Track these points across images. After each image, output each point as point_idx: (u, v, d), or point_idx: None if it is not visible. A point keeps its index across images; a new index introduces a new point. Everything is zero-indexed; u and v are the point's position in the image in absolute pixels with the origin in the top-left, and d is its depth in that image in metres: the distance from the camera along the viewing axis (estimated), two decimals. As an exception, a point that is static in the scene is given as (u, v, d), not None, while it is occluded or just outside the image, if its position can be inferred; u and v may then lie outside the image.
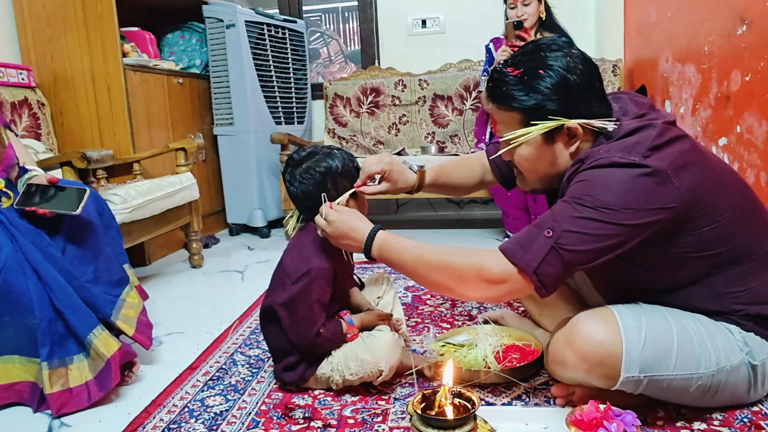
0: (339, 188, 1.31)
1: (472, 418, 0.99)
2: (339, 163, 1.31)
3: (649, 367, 1.05)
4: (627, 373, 1.04)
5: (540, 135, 1.12)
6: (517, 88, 1.10)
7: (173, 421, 1.25)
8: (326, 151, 1.33)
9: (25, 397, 1.36)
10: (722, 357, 1.07)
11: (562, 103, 1.08)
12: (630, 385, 1.06)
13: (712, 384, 1.08)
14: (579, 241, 1.01)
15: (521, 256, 1.04)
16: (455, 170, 1.53)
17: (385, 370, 1.27)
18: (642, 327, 1.06)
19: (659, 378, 1.06)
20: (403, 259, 1.16)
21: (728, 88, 2.04)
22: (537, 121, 1.10)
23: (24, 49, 2.63)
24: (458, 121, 3.45)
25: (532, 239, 1.04)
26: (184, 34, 3.35)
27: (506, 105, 1.13)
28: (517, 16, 2.69)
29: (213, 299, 2.18)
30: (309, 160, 1.31)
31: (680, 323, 1.09)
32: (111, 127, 2.63)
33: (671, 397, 1.12)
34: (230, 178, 3.30)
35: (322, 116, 3.73)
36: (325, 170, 1.29)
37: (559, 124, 1.09)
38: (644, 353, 1.04)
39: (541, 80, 1.08)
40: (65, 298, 1.32)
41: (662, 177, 1.01)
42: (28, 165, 1.54)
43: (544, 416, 1.16)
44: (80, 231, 1.45)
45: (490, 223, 3.37)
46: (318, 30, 5.48)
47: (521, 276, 1.04)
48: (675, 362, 1.06)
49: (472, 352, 1.41)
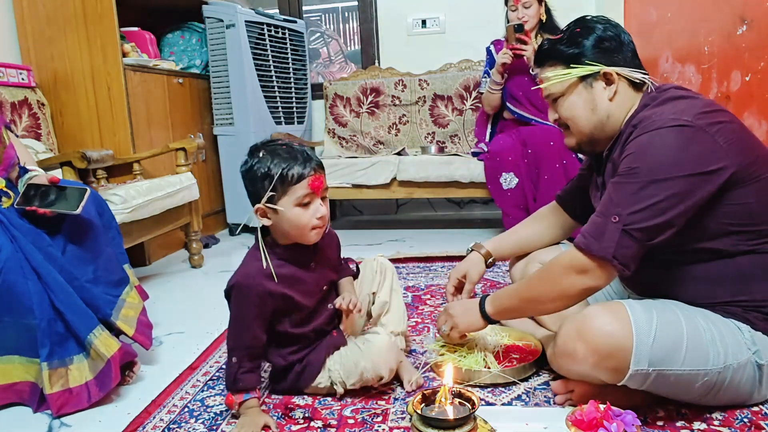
0: (257, 195, 1.19)
1: (472, 418, 0.99)
2: (261, 168, 1.18)
3: (659, 361, 1.05)
4: (636, 366, 1.05)
5: (579, 79, 1.21)
6: (559, 44, 1.23)
7: (173, 421, 1.25)
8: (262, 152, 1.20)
9: (25, 397, 1.36)
10: (730, 355, 1.08)
11: (598, 54, 1.20)
12: (637, 379, 1.07)
13: (717, 381, 1.08)
14: (645, 218, 1.06)
15: (597, 246, 1.09)
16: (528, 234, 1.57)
17: (386, 376, 1.26)
18: (653, 321, 1.07)
19: (667, 372, 1.06)
20: (512, 300, 1.27)
21: (728, 88, 2.04)
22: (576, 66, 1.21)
23: (24, 49, 2.64)
24: (458, 121, 3.45)
25: (601, 228, 1.09)
26: (184, 34, 3.35)
27: (549, 60, 1.25)
28: (517, 18, 2.69)
29: (213, 299, 2.17)
30: (249, 154, 1.24)
31: (690, 319, 1.09)
32: (111, 127, 2.63)
33: (675, 393, 1.12)
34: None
35: (322, 116, 3.73)
36: (244, 171, 1.22)
37: (597, 69, 1.19)
38: (654, 347, 1.05)
39: (581, 37, 1.21)
40: (65, 299, 1.32)
41: (713, 137, 1.06)
42: (29, 165, 1.54)
43: (544, 416, 1.16)
44: (80, 231, 1.45)
45: (490, 223, 3.37)
46: (318, 30, 5.48)
47: (603, 264, 1.10)
48: (684, 357, 1.06)
49: (471, 352, 1.40)
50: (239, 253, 2.90)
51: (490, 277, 2.21)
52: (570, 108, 1.24)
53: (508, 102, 2.84)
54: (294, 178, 1.16)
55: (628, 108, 1.21)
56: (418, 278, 2.24)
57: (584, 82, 1.21)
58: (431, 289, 2.10)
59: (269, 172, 1.16)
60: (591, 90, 1.21)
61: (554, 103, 1.27)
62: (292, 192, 1.17)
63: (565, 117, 1.26)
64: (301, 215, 1.19)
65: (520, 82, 2.78)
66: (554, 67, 1.24)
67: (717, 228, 1.10)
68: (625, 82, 1.21)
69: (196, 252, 2.63)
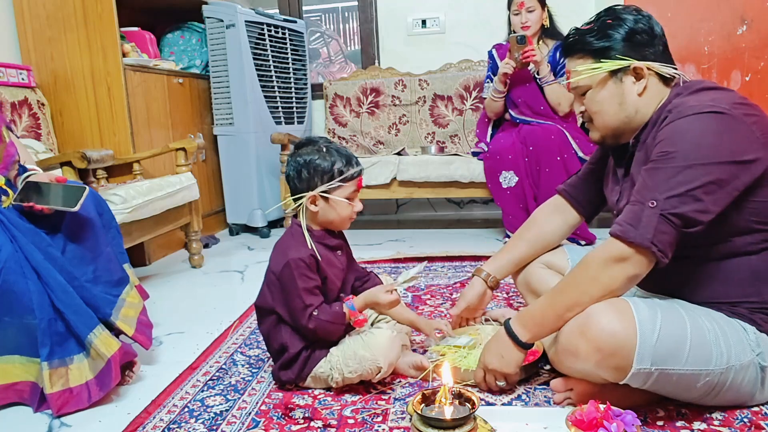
0: (311, 183, 1.32)
1: (472, 418, 0.99)
2: (321, 161, 1.31)
3: (662, 360, 1.05)
4: (639, 365, 1.04)
5: (608, 74, 1.18)
6: (589, 35, 1.20)
7: (173, 421, 1.25)
8: (319, 146, 1.34)
9: (25, 397, 1.36)
10: (733, 355, 1.07)
11: (629, 48, 1.16)
12: (639, 378, 1.06)
13: (719, 381, 1.08)
14: (683, 203, 1.04)
15: (635, 233, 1.06)
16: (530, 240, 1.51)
17: (384, 367, 1.27)
18: (657, 320, 1.06)
19: (670, 372, 1.05)
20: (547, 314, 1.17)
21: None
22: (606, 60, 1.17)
23: (24, 49, 2.63)
24: (458, 121, 3.45)
25: (638, 215, 1.06)
26: (184, 34, 3.35)
27: (579, 51, 1.22)
28: (520, 22, 2.70)
29: (213, 299, 2.18)
30: (304, 147, 1.35)
31: (695, 319, 1.09)
32: (111, 127, 2.63)
33: (676, 393, 1.12)
34: (230, 178, 3.30)
35: (322, 116, 3.73)
36: (303, 162, 1.32)
37: (627, 64, 1.16)
38: (657, 346, 1.04)
39: (612, 29, 1.17)
40: (65, 298, 1.32)
41: (750, 128, 1.05)
42: (28, 164, 1.54)
43: (544, 416, 1.16)
44: (80, 231, 1.45)
45: (490, 223, 3.37)
46: (318, 30, 5.48)
47: (642, 251, 1.06)
48: (687, 357, 1.05)
49: (472, 353, 1.40)
50: (239, 253, 2.90)
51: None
52: (598, 102, 1.21)
53: (509, 108, 2.88)
54: (351, 176, 1.34)
55: (657, 102, 1.19)
56: (419, 278, 2.24)
57: (614, 76, 1.18)
58: (431, 289, 2.10)
59: (333, 167, 1.32)
60: (620, 84, 1.18)
61: (581, 96, 1.24)
62: (347, 187, 1.34)
63: (592, 111, 1.23)
64: (347, 207, 1.36)
65: (521, 91, 2.81)
66: (583, 60, 1.21)
67: (742, 224, 1.09)
68: (656, 77, 1.19)
69: (196, 252, 2.63)
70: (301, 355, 1.33)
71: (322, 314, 1.28)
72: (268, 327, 1.37)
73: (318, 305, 1.29)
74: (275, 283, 1.32)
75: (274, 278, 1.32)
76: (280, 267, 1.30)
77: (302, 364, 1.33)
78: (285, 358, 1.34)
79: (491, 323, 1.57)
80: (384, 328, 1.35)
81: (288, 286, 1.29)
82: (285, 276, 1.29)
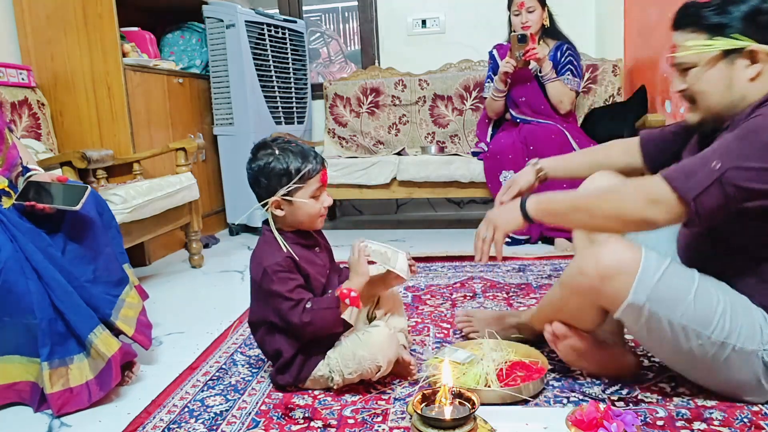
0: (270, 188, 1.29)
1: (471, 418, 0.99)
2: (276, 164, 1.28)
3: (657, 301, 1.05)
4: (634, 296, 1.06)
5: (720, 53, 1.11)
6: (706, 9, 1.11)
7: (173, 421, 1.25)
8: (271, 149, 1.29)
9: (25, 397, 1.36)
10: (735, 335, 1.07)
11: (749, 28, 1.08)
12: (631, 315, 1.08)
13: (714, 355, 1.08)
14: (748, 178, 1.01)
15: (683, 183, 1.04)
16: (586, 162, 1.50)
17: (383, 365, 1.27)
18: (664, 264, 1.07)
19: (662, 316, 1.06)
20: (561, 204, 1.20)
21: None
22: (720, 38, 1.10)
23: (24, 49, 2.63)
24: (458, 121, 3.45)
25: (697, 169, 1.05)
26: (184, 34, 3.35)
27: (691, 25, 1.14)
28: (521, 23, 2.70)
29: (213, 299, 2.18)
30: (258, 152, 1.32)
31: (706, 283, 1.10)
32: (111, 127, 2.63)
33: (667, 351, 1.12)
34: (230, 178, 3.30)
35: (322, 116, 3.73)
36: (258, 168, 1.29)
37: (743, 45, 1.08)
38: (657, 285, 1.05)
39: (732, 4, 1.09)
40: (66, 298, 1.32)
41: None
42: (30, 165, 1.55)
43: (544, 416, 1.16)
44: (80, 231, 1.45)
45: (490, 223, 3.37)
46: (318, 30, 5.48)
47: (679, 202, 1.05)
48: (684, 310, 1.06)
49: (472, 368, 1.30)
50: (239, 253, 2.90)
51: (490, 277, 2.20)
52: (703, 82, 1.14)
53: (510, 107, 2.88)
54: (310, 173, 1.29)
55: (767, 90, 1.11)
56: (418, 278, 2.24)
57: (726, 57, 1.10)
58: (431, 289, 2.10)
59: (288, 168, 1.28)
60: (731, 66, 1.11)
61: (684, 72, 1.17)
62: (308, 186, 1.30)
63: (695, 90, 1.16)
64: (314, 205, 1.32)
65: (522, 90, 2.80)
66: (695, 34, 1.13)
67: None
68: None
69: (196, 252, 2.63)
70: (296, 359, 1.32)
71: (315, 304, 1.26)
72: (262, 334, 1.36)
73: (309, 299, 1.27)
74: (260, 293, 1.31)
75: (257, 288, 1.31)
76: (260, 276, 1.28)
77: (299, 368, 1.32)
78: (281, 362, 1.33)
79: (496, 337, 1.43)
80: (381, 326, 1.33)
81: (271, 293, 1.27)
82: (266, 283, 1.27)
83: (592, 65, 3.22)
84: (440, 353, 1.42)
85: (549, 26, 2.77)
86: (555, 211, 1.22)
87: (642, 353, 1.43)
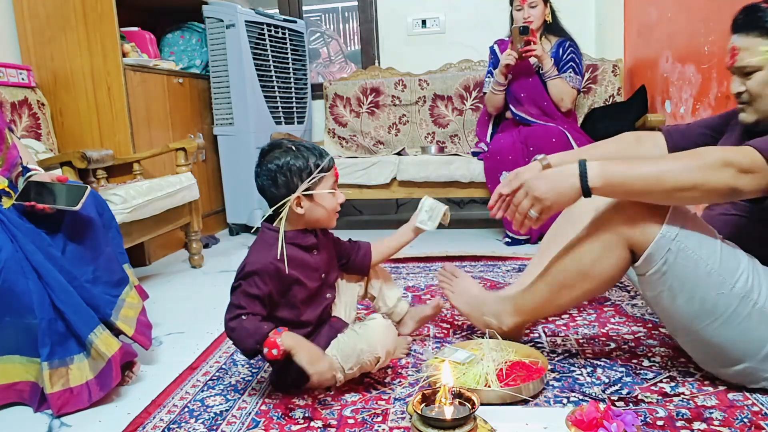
0: (291, 186, 1.27)
1: (471, 418, 0.99)
2: (294, 161, 1.27)
3: (687, 236, 1.08)
4: (668, 227, 1.08)
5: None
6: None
7: (173, 421, 1.25)
8: (286, 147, 1.29)
9: (25, 397, 1.36)
10: (756, 293, 1.08)
11: None
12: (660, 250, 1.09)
13: (734, 308, 1.08)
14: None
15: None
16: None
17: (383, 356, 1.28)
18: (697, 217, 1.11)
19: (690, 253, 1.07)
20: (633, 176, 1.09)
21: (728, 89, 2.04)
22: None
23: (24, 49, 2.64)
24: (458, 121, 3.45)
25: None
26: (184, 34, 3.35)
27: (756, 29, 1.15)
28: (523, 18, 2.69)
29: (213, 299, 2.18)
30: (269, 154, 1.29)
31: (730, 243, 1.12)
32: (111, 127, 2.63)
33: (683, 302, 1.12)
34: (230, 178, 3.30)
35: (322, 116, 3.73)
36: (276, 167, 1.27)
37: None
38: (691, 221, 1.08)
39: None
40: (66, 298, 1.32)
41: None
42: (30, 165, 1.54)
43: (544, 416, 1.16)
44: (80, 231, 1.45)
45: (490, 223, 3.37)
46: (318, 30, 5.48)
47: None
48: (711, 253, 1.08)
49: (472, 368, 1.30)
50: (239, 253, 2.90)
51: (490, 277, 2.20)
52: (764, 86, 1.17)
53: (511, 103, 2.86)
54: (327, 168, 1.30)
55: None
56: (418, 278, 2.24)
57: None
58: (431, 289, 2.10)
59: (307, 164, 1.27)
60: None
61: (744, 75, 1.20)
62: (326, 181, 1.31)
63: (756, 93, 1.19)
64: (331, 200, 1.33)
65: (523, 84, 2.79)
66: (760, 38, 1.15)
67: None
68: None
69: (196, 252, 2.63)
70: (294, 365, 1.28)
71: (248, 323, 1.21)
72: None
73: (251, 312, 1.22)
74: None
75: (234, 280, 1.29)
76: (239, 271, 1.26)
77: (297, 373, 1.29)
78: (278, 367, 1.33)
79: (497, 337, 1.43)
80: (377, 317, 1.34)
81: (234, 287, 1.25)
82: (237, 277, 1.26)
83: (592, 65, 3.22)
84: (440, 353, 1.43)
85: (551, 22, 2.76)
86: (627, 186, 1.10)
87: (642, 354, 1.44)
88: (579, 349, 1.49)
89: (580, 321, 1.68)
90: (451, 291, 1.55)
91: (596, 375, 1.34)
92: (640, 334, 1.56)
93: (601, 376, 1.33)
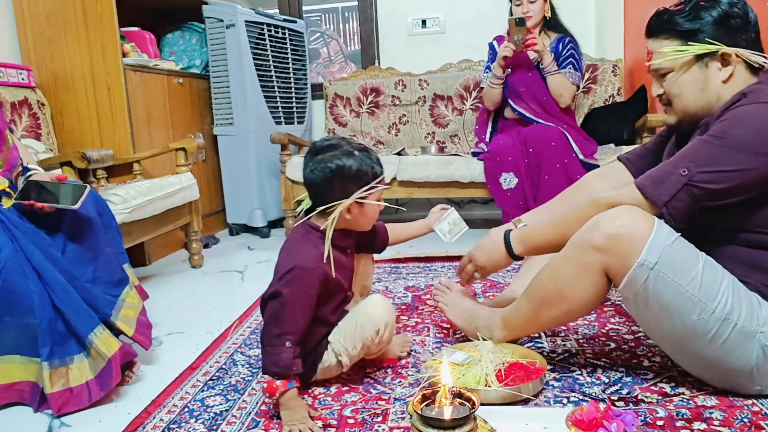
0: (346, 190, 1.26)
1: (471, 418, 0.99)
2: (355, 165, 1.25)
3: (668, 263, 1.07)
4: (647, 254, 1.07)
5: (694, 58, 1.17)
6: (678, 16, 1.17)
7: (173, 421, 1.25)
8: (347, 149, 1.26)
9: (25, 396, 1.36)
10: (737, 313, 1.08)
11: (720, 32, 1.14)
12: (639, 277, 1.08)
13: (716, 331, 1.08)
14: (713, 180, 1.08)
15: (653, 191, 1.12)
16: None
17: (382, 328, 1.29)
18: (675, 235, 1.10)
19: (669, 282, 1.07)
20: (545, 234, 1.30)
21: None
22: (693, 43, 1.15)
23: (24, 49, 2.63)
24: (458, 121, 3.45)
25: (665, 176, 1.11)
26: (184, 34, 3.35)
27: (665, 32, 1.19)
28: (522, 13, 2.68)
29: (213, 299, 2.18)
30: (327, 152, 1.26)
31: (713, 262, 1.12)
32: (111, 127, 2.63)
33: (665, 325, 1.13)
34: (230, 178, 3.30)
35: (322, 116, 3.73)
36: (336, 168, 1.24)
37: (715, 49, 1.14)
38: (670, 248, 1.08)
39: (704, 10, 1.15)
40: (66, 298, 1.32)
41: None
42: (30, 165, 1.55)
43: (544, 416, 1.16)
44: (80, 231, 1.45)
45: (490, 223, 3.37)
46: (318, 30, 5.48)
47: (652, 209, 1.13)
48: (692, 279, 1.08)
49: (471, 369, 1.30)
50: (239, 253, 2.90)
51: (490, 277, 2.20)
52: (679, 86, 1.20)
53: (510, 98, 2.81)
54: (380, 175, 1.31)
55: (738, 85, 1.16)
56: (418, 278, 2.25)
57: (699, 61, 1.16)
58: (431, 289, 2.10)
59: (366, 172, 1.27)
60: (705, 70, 1.17)
61: (661, 77, 1.23)
62: (377, 190, 1.31)
63: (672, 94, 1.22)
64: (376, 209, 1.34)
65: (523, 78, 2.76)
66: (669, 41, 1.18)
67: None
68: (743, 65, 1.16)
69: (196, 252, 2.63)
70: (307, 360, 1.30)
71: (286, 354, 1.18)
72: None
73: (294, 341, 1.19)
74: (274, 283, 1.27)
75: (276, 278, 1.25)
76: (284, 270, 1.22)
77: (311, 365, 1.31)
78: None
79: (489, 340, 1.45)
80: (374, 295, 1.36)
81: (283, 292, 1.20)
82: (285, 281, 1.21)
83: (592, 65, 3.21)
84: (438, 355, 1.42)
85: (551, 18, 2.75)
86: (543, 246, 1.31)
87: (642, 354, 1.44)
88: (579, 349, 1.50)
89: (580, 321, 1.68)
90: (445, 304, 1.56)
91: (596, 375, 1.34)
92: (640, 334, 1.56)
93: (601, 376, 1.33)
